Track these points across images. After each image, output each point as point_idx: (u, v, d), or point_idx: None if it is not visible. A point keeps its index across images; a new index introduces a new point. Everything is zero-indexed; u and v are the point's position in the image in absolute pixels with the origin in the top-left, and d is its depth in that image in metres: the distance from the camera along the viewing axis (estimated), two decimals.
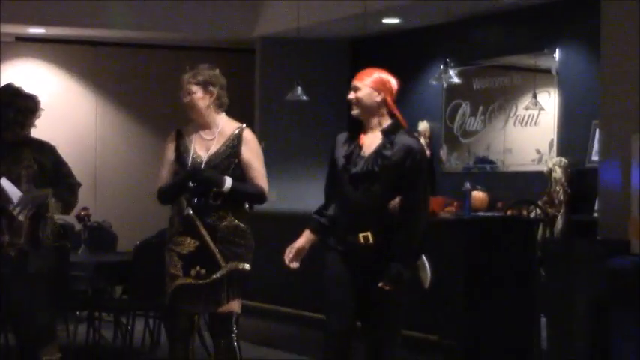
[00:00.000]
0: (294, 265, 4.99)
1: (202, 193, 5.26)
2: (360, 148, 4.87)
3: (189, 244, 5.30)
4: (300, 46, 11.03)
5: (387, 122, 4.88)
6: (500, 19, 10.01)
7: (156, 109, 11.80)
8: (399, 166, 4.79)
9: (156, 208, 6.15)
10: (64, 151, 5.99)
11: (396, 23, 10.53)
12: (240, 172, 5.26)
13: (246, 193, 5.31)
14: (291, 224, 10.07)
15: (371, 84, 4.91)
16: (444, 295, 7.98)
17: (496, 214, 9.38)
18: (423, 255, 5.07)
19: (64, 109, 11.07)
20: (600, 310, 7.21)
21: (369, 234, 4.80)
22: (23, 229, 5.33)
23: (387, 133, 4.83)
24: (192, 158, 5.27)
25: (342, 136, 5.04)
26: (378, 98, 4.86)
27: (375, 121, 4.88)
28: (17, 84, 5.86)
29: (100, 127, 11.76)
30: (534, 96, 9.45)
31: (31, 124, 5.40)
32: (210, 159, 5.29)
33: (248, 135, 5.35)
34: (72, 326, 8.36)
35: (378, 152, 4.82)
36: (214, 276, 5.26)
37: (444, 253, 8.04)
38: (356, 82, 4.91)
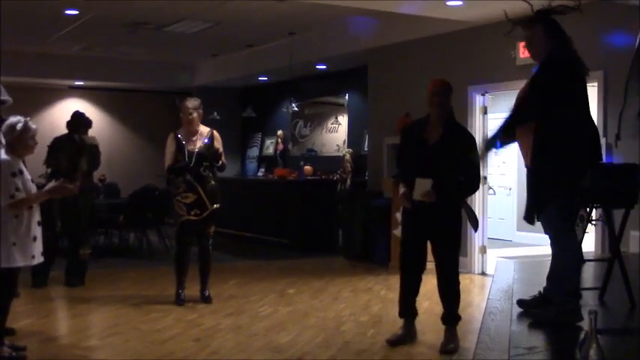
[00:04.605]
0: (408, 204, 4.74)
1: (197, 168, 6.03)
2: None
3: (190, 197, 6.08)
4: (217, 91, 13.75)
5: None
6: (320, 77, 12.07)
7: (141, 125, 14.57)
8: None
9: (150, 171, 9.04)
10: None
11: (266, 80, 12.91)
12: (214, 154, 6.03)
13: (222, 164, 6.11)
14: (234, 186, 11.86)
15: None
16: (288, 217, 10.78)
17: (317, 178, 11.23)
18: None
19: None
20: (367, 226, 9.16)
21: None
22: None
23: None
24: (188, 150, 6.08)
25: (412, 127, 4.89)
26: None
27: None
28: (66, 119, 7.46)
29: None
30: (336, 118, 11.69)
31: None
32: (200, 150, 6.13)
33: (216, 134, 6.18)
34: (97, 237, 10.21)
35: (445, 139, 4.82)
36: (204, 214, 6.12)
37: (289, 197, 10.82)
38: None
